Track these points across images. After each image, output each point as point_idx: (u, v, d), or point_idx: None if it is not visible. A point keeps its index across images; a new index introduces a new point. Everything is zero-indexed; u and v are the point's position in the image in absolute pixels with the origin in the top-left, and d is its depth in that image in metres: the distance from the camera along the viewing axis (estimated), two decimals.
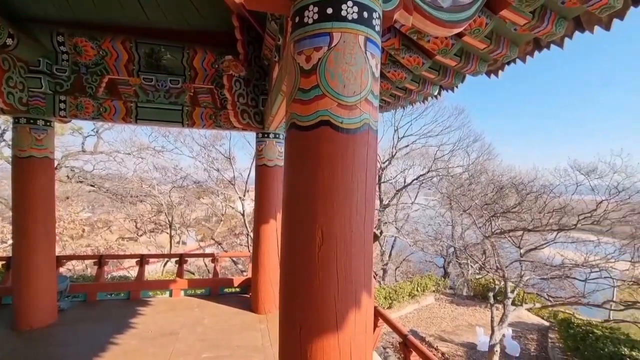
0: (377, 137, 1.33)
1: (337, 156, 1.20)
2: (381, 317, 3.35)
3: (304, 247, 1.23)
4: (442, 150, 19.12)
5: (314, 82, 1.23)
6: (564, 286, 11.83)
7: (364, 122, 1.23)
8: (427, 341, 11.01)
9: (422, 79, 4.24)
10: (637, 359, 8.08)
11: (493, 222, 10.96)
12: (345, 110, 1.21)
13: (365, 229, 1.26)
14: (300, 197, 1.28)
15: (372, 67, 1.29)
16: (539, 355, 11.71)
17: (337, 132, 1.20)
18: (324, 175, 1.21)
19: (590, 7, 2.45)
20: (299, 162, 1.29)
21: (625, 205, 9.45)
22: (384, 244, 24.35)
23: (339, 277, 1.19)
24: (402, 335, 2.89)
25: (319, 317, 1.20)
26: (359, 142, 1.22)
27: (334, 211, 1.20)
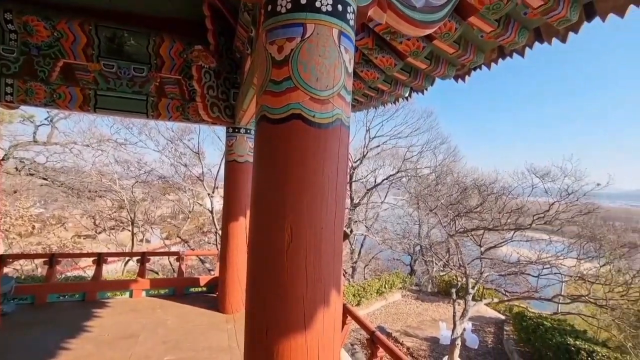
0: (349, 133, 1.32)
1: (308, 151, 1.17)
2: (349, 314, 3.38)
3: (272, 244, 1.19)
4: (411, 152, 19.73)
5: (286, 73, 1.19)
6: (519, 282, 12.67)
7: (336, 118, 1.21)
8: (393, 337, 11.31)
9: (394, 80, 4.32)
10: (580, 347, 8.79)
11: (457, 221, 11.50)
12: (318, 104, 1.19)
13: (335, 227, 1.24)
14: (269, 193, 1.23)
15: (346, 61, 1.28)
16: (495, 347, 12.44)
17: (308, 127, 1.17)
18: (295, 171, 1.18)
19: (550, 19, 2.60)
20: (269, 156, 1.25)
21: (573, 207, 10.30)
22: (354, 242, 24.70)
23: (308, 275, 1.16)
24: (369, 332, 2.93)
25: (286, 318, 1.16)
26: (331, 138, 1.20)
27: (304, 208, 1.17)
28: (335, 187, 1.22)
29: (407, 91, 4.66)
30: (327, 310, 1.20)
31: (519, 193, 11.94)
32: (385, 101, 5.19)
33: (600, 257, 10.84)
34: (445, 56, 3.57)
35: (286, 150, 1.19)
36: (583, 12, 2.62)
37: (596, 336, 10.82)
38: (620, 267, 9.93)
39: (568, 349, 8.98)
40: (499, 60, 3.65)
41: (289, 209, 1.17)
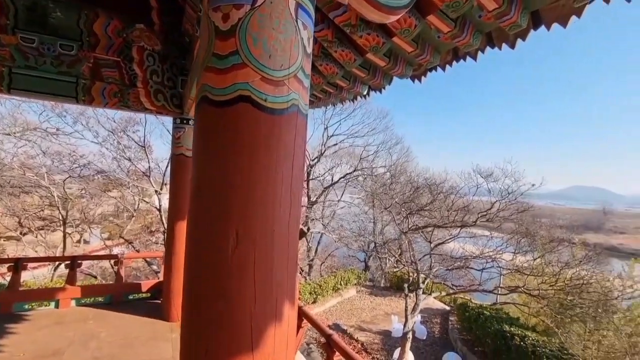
0: (306, 123, 1.17)
1: (258, 140, 0.99)
2: (305, 317, 3.25)
3: (213, 249, 0.99)
4: (368, 151, 20.21)
5: (232, 46, 1.00)
6: (464, 275, 13.62)
7: (292, 103, 1.05)
8: (348, 333, 11.47)
9: (353, 77, 4.26)
10: (514, 333, 9.62)
11: (409, 219, 12.00)
12: (271, 86, 1.01)
13: (290, 228, 1.08)
14: (211, 189, 1.03)
15: (304, 39, 1.11)
16: (442, 336, 13.23)
17: (259, 111, 0.99)
18: (242, 163, 0.99)
19: (502, 23, 2.68)
20: (211, 145, 1.04)
21: (512, 206, 11.29)
22: (311, 240, 24.75)
23: (256, 287, 0.99)
24: (325, 335, 2.83)
25: (230, 336, 0.98)
26: (286, 126, 1.03)
27: (253, 206, 0.99)
28: (290, 184, 1.06)
29: (366, 89, 4.64)
30: (279, 326, 1.03)
31: (466, 192, 12.83)
32: (343, 98, 5.13)
33: (533, 251, 12.08)
34: (404, 55, 3.57)
35: (232, 138, 0.99)
36: (530, 19, 2.75)
37: (527, 322, 11.97)
38: (550, 260, 11.13)
39: (504, 335, 9.79)
40: (453, 63, 3.75)
41: (235, 208, 0.99)
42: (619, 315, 10.16)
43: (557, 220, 25.08)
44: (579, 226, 38.97)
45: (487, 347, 10.48)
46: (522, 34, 2.95)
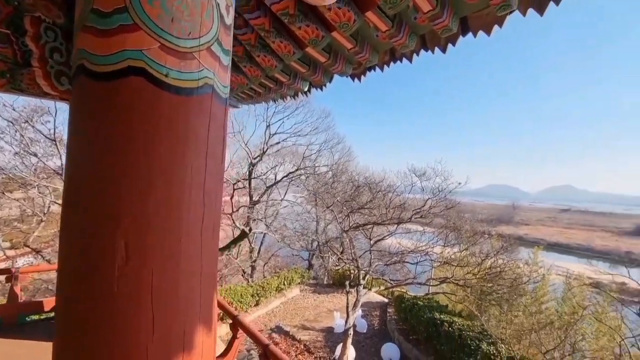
0: (226, 109, 0.97)
1: (157, 125, 0.77)
2: (241, 327, 3.01)
3: (92, 268, 0.74)
4: (310, 150, 20.30)
5: (120, 2, 0.76)
6: (400, 269, 14.44)
7: (205, 82, 0.84)
8: (291, 334, 11.33)
9: (293, 72, 4.12)
10: (443, 320, 10.44)
11: (350, 217, 12.30)
12: (174, 58, 0.79)
13: (205, 236, 0.88)
14: (90, 188, 0.77)
15: (221, 6, 0.91)
16: (380, 328, 13.84)
17: (157, 89, 0.77)
18: (135, 154, 0.76)
19: (435, 26, 2.76)
20: (91, 130, 0.78)
21: (441, 203, 12.27)
22: (254, 240, 24.05)
23: (155, 312, 0.76)
24: (263, 345, 2.63)
25: None
26: (196, 110, 0.83)
27: (149, 210, 0.76)
28: (204, 181, 0.86)
29: (307, 85, 4.53)
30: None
31: (402, 191, 13.61)
32: (284, 94, 4.96)
33: (459, 243, 13.32)
34: (344, 52, 3.54)
35: (119, 122, 0.75)
36: (460, 25, 2.89)
37: (454, 309, 13.13)
38: (473, 252, 12.37)
39: (435, 322, 10.58)
40: (390, 63, 3.83)
41: (123, 214, 0.74)
42: (526, 297, 11.71)
43: (477, 215, 28.03)
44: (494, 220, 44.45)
45: (421, 334, 11.22)
46: (452, 38, 3.08)
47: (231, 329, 3.10)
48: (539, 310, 11.22)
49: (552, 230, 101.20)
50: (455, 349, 9.55)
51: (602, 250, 74.48)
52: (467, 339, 9.36)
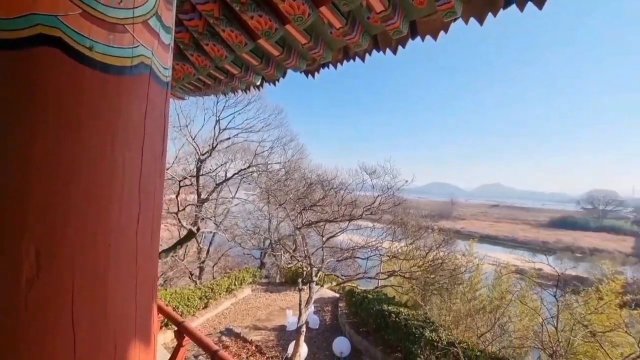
0: (168, 95, 0.85)
1: (78, 109, 0.64)
2: (187, 334, 2.81)
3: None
4: (263, 147, 19.88)
5: None
6: (351, 265, 14.86)
7: (140, 61, 0.72)
8: (242, 336, 11.02)
9: (245, 64, 3.95)
10: (391, 311, 10.95)
11: (303, 214, 12.32)
12: (100, 28, 0.66)
13: (141, 239, 0.76)
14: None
15: None
16: (332, 323, 14.10)
17: (77, 64, 0.64)
18: (50, 144, 0.62)
19: (387, 27, 2.83)
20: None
21: (390, 200, 12.87)
22: (202, 240, 22.93)
23: (77, 330, 0.63)
24: (211, 351, 2.48)
25: None
26: (129, 92, 0.71)
27: (69, 209, 0.63)
28: (140, 176, 0.74)
29: (259, 79, 4.39)
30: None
31: (354, 188, 14.01)
32: (235, 87, 4.75)
33: (406, 238, 14.10)
34: (297, 47, 3.48)
35: (29, 102, 0.61)
36: (409, 29, 2.99)
37: (400, 300, 13.86)
38: (419, 246, 13.19)
39: (383, 313, 11.06)
40: (344, 62, 3.86)
41: (32, 213, 0.60)
42: (463, 285, 12.80)
43: (421, 211, 29.93)
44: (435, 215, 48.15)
45: (370, 326, 11.66)
46: (402, 40, 3.19)
47: (176, 337, 2.88)
48: (474, 297, 12.35)
49: (484, 224, 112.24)
50: (401, 338, 10.08)
51: (524, 241, 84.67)
52: (412, 327, 9.93)
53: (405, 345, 9.88)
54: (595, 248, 67.48)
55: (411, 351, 9.59)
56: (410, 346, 9.72)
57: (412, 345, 9.66)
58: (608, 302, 9.78)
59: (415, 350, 9.45)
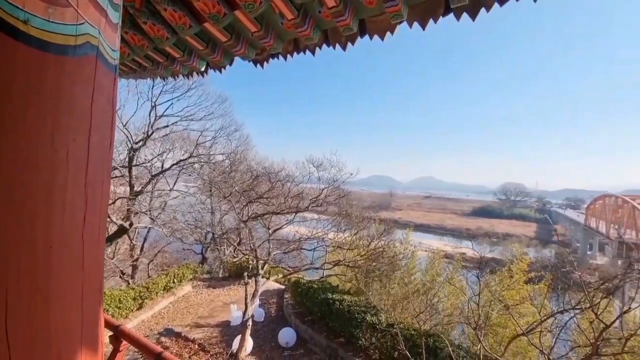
0: (116, 78, 0.77)
1: (9, 91, 0.55)
2: (125, 337, 2.59)
3: None
4: (205, 136, 18.81)
5: None
6: (297, 256, 15.00)
7: (86, 41, 0.64)
8: (183, 335, 10.50)
9: (189, 48, 3.71)
10: (335, 299, 11.38)
11: (249, 207, 12.04)
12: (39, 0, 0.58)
13: (87, 241, 0.68)
14: None
15: None
16: (278, 314, 14.18)
17: (9, 39, 0.54)
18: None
19: (338, 23, 2.88)
20: None
21: (335, 192, 13.23)
22: (135, 236, 21.12)
23: (13, 348, 0.55)
24: (155, 354, 2.33)
25: None
26: (74, 74, 0.62)
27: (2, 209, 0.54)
28: (86, 169, 0.66)
29: (204, 65, 4.16)
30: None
31: (300, 181, 14.07)
32: (176, 72, 4.43)
33: (350, 229, 14.67)
34: (247, 35, 3.37)
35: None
36: (359, 27, 3.08)
37: (344, 287, 14.46)
38: (362, 236, 13.82)
39: (328, 302, 11.44)
40: (294, 53, 3.84)
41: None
42: (400, 271, 13.81)
43: (363, 203, 31.34)
44: (376, 206, 51.16)
45: (315, 315, 11.98)
46: (352, 38, 3.28)
47: (112, 342, 2.64)
48: (410, 281, 13.42)
49: (418, 214, 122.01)
50: (345, 323, 10.57)
51: (451, 228, 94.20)
52: (354, 313, 10.46)
53: (348, 330, 10.39)
54: (507, 233, 77.84)
55: (353, 335, 10.13)
56: (352, 330, 10.24)
57: (354, 330, 10.19)
58: (517, 280, 11.42)
59: (357, 334, 10.01)
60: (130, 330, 2.66)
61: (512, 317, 5.47)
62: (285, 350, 11.11)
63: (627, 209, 48.84)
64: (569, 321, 4.51)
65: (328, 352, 10.67)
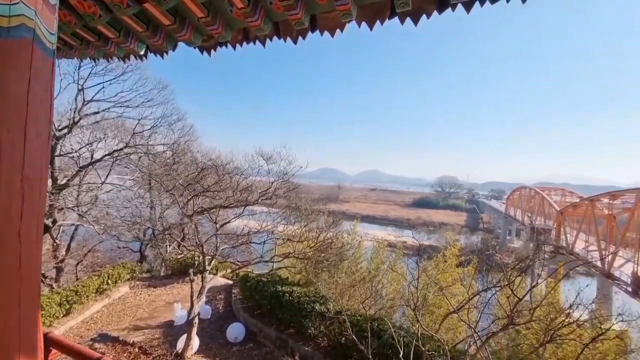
0: (54, 63, 0.71)
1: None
2: (55, 345, 2.35)
3: None
4: (143, 125, 17.22)
5: None
6: (246, 250, 14.70)
7: (20, 22, 0.59)
8: (120, 340, 9.71)
9: (125, 28, 3.41)
10: (285, 291, 11.45)
11: (194, 201, 11.43)
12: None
13: (25, 241, 0.63)
14: None
15: None
16: (226, 310, 13.83)
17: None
18: None
19: (290, 16, 2.89)
20: None
21: (285, 185, 13.17)
22: (59, 235, 18.81)
23: None
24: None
25: None
26: (5, 59, 0.57)
27: None
28: (22, 162, 0.61)
29: (143, 48, 3.87)
30: None
31: (249, 173, 13.69)
32: (110, 54, 4.06)
33: (299, 221, 14.77)
34: (193, 20, 3.22)
35: None
36: (310, 22, 3.12)
37: (294, 279, 14.61)
38: (311, 228, 14.00)
39: (277, 294, 11.48)
40: (243, 43, 3.74)
41: None
42: (348, 260, 14.36)
43: (312, 195, 31.77)
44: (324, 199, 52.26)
45: (265, 308, 11.94)
46: (303, 32, 3.31)
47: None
48: (356, 270, 14.03)
49: (365, 205, 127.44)
50: (294, 314, 10.71)
51: (394, 219, 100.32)
52: (304, 303, 10.65)
53: (298, 321, 10.57)
54: (442, 222, 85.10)
55: (303, 325, 10.34)
56: (302, 321, 10.44)
57: (304, 320, 10.40)
58: (450, 264, 12.62)
59: (307, 324, 10.24)
60: (60, 337, 2.41)
61: (446, 297, 6.07)
62: (234, 345, 10.93)
63: (538, 199, 56.46)
64: (490, 298, 5.14)
65: (278, 343, 10.76)
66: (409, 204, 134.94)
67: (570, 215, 42.00)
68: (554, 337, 4.14)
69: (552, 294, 14.04)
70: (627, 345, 10.60)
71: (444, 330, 10.55)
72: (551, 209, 48.16)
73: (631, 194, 28.30)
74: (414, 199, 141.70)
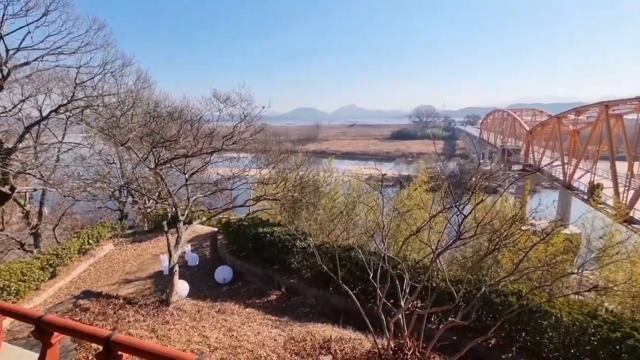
0: None
1: None
2: (57, 329, 2.13)
3: None
4: (82, 74, 15.16)
5: None
6: (221, 196, 14.65)
7: None
8: (104, 294, 10.01)
9: None
10: (266, 232, 11.82)
11: (155, 153, 10.83)
12: None
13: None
14: None
15: None
16: (212, 256, 14.35)
17: None
18: None
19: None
20: None
21: (250, 127, 12.59)
22: (27, 202, 18.06)
23: None
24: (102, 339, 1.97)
25: None
26: None
27: None
28: None
29: None
30: None
31: (210, 119, 12.82)
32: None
33: (270, 164, 14.62)
34: None
35: None
36: None
37: (274, 220, 15.05)
38: (281, 169, 13.95)
39: (259, 235, 11.89)
40: None
41: None
42: (325, 198, 14.73)
43: (290, 137, 31.23)
44: (303, 139, 51.93)
45: (249, 250, 12.45)
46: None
47: (37, 338, 2.16)
48: (334, 205, 14.49)
49: (344, 142, 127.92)
50: (278, 252, 11.26)
51: (374, 153, 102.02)
52: (285, 241, 11.13)
53: (282, 258, 11.15)
54: (420, 152, 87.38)
55: (286, 260, 10.96)
56: (285, 257, 11.03)
57: (286, 256, 10.98)
58: (418, 189, 13.16)
59: (290, 259, 10.84)
60: (59, 319, 2.21)
61: (405, 221, 6.38)
62: (224, 286, 11.56)
63: (509, 120, 57.97)
64: (451, 218, 5.42)
65: (265, 279, 11.47)
66: (388, 137, 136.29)
67: (538, 135, 43.83)
68: (499, 246, 4.54)
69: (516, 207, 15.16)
70: (576, 246, 11.92)
71: (415, 252, 11.45)
72: (522, 129, 49.91)
73: (595, 108, 29.34)
74: (393, 132, 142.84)
